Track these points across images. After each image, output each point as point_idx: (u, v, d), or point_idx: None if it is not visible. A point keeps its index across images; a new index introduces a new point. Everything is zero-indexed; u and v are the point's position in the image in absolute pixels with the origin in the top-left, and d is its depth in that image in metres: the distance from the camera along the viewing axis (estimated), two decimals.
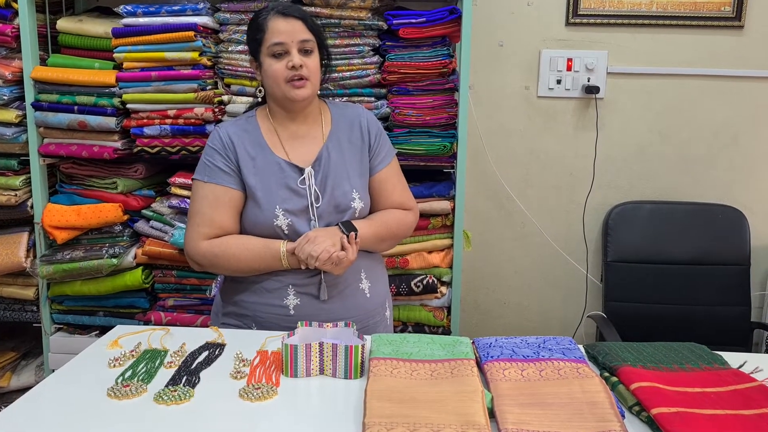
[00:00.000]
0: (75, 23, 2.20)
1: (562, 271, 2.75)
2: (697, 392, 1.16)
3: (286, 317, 1.61)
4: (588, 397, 1.14)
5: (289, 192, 1.61)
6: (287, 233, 1.60)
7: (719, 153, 2.65)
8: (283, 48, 1.59)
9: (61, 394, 1.22)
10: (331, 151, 1.67)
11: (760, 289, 2.70)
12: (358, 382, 1.27)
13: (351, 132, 1.71)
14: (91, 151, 2.18)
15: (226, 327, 1.68)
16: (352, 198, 1.64)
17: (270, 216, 1.59)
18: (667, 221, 2.57)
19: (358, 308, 1.65)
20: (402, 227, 1.75)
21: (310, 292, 1.61)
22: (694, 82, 2.59)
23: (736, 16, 2.51)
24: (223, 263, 1.61)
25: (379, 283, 1.74)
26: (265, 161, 1.64)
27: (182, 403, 1.18)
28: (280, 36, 1.58)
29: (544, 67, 2.60)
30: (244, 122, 1.70)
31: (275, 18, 1.59)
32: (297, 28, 1.59)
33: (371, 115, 1.76)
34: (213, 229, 1.62)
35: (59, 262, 2.18)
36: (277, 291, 1.62)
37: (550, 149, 2.67)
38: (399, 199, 1.74)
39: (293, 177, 1.63)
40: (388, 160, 1.74)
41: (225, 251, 1.60)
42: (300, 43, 1.59)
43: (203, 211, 1.62)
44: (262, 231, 1.61)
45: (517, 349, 1.34)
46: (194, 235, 1.63)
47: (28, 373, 2.42)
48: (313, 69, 1.62)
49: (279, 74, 1.59)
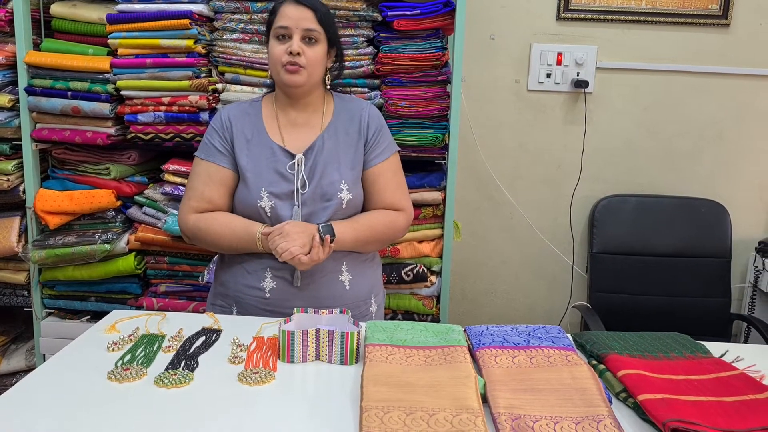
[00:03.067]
0: (69, 8, 2.19)
1: (548, 262, 2.80)
2: (681, 380, 1.21)
3: (262, 300, 1.66)
4: (577, 383, 1.18)
5: (277, 176, 1.65)
6: (270, 215, 1.64)
7: (704, 149, 2.70)
8: (286, 32, 1.62)
9: (62, 377, 1.24)
10: (326, 141, 1.69)
11: (740, 282, 2.77)
12: (353, 368, 1.30)
13: (350, 124, 1.72)
14: (85, 136, 2.18)
15: (215, 309, 1.72)
16: (340, 188, 1.66)
17: (255, 197, 1.64)
18: (652, 214, 2.62)
19: (335, 299, 1.67)
20: (391, 230, 1.74)
21: (286, 276, 1.65)
22: (681, 79, 2.64)
23: (722, 14, 2.56)
24: (206, 237, 1.67)
25: (364, 277, 1.75)
26: (260, 144, 1.68)
27: (182, 386, 1.21)
28: (287, 20, 1.61)
29: (535, 61, 2.63)
30: (248, 106, 1.75)
31: (288, 3, 1.63)
32: (305, 15, 1.62)
33: (375, 111, 1.77)
34: (202, 203, 1.68)
35: (51, 247, 2.18)
36: (256, 273, 1.66)
37: (539, 142, 2.71)
38: (391, 197, 1.74)
39: (284, 162, 1.66)
40: (385, 156, 1.74)
41: (208, 227, 1.66)
42: (304, 31, 1.61)
43: (196, 186, 1.69)
44: (247, 211, 1.66)
45: (508, 336, 1.38)
46: (185, 208, 1.70)
47: (18, 357, 2.42)
48: (313, 59, 1.63)
49: (277, 57, 1.63)
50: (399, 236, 1.79)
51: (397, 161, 1.79)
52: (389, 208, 1.73)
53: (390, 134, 1.79)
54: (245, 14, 2.16)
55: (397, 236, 1.78)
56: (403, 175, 1.80)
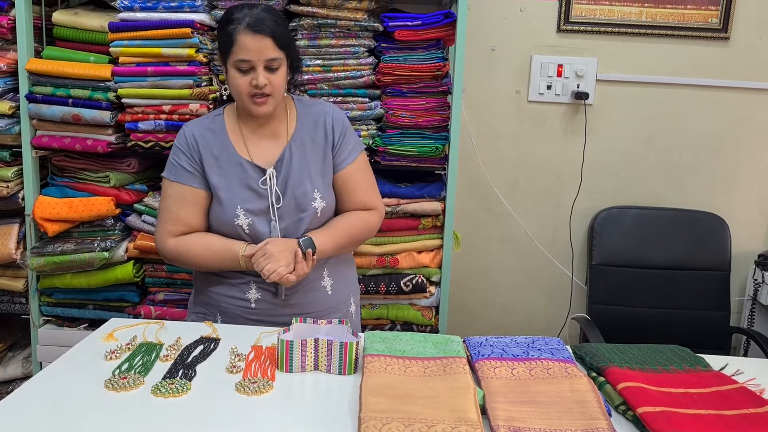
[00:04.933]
0: (70, 16, 2.20)
1: (547, 274, 2.80)
2: (681, 393, 1.20)
3: (248, 310, 1.66)
4: (577, 396, 1.17)
5: (250, 192, 1.64)
6: (248, 233, 1.63)
7: (703, 161, 2.71)
8: (248, 65, 1.57)
9: (59, 385, 1.23)
10: (293, 152, 1.68)
11: (740, 295, 2.77)
12: (352, 378, 1.29)
13: (315, 131, 1.71)
14: (85, 144, 2.18)
15: (197, 317, 1.71)
16: (313, 198, 1.65)
17: (231, 215, 1.63)
18: (652, 226, 2.62)
19: (319, 304, 1.69)
20: (365, 230, 1.76)
21: (270, 287, 1.65)
22: (681, 91, 2.65)
23: (722, 28, 2.57)
24: (187, 261, 1.68)
25: (344, 280, 1.77)
26: (229, 161, 1.66)
27: (180, 395, 1.20)
28: (248, 53, 1.56)
29: (535, 73, 2.64)
30: (211, 121, 1.72)
31: (245, 33, 1.55)
32: (265, 45, 1.56)
33: (337, 113, 1.76)
34: (179, 226, 1.66)
35: (50, 255, 2.17)
36: (240, 285, 1.66)
37: (539, 153, 2.72)
38: (363, 197, 1.74)
39: (255, 177, 1.65)
40: (352, 157, 1.73)
41: (188, 250, 1.66)
42: (267, 61, 1.57)
43: (170, 209, 1.67)
44: (224, 230, 1.66)
45: (507, 348, 1.38)
46: (162, 233, 1.68)
47: (15, 364, 2.41)
48: (278, 85, 1.61)
49: (242, 89, 1.60)
50: (373, 235, 1.81)
51: (365, 160, 1.79)
52: (361, 208, 1.75)
53: (355, 134, 1.78)
54: None
55: (371, 235, 1.81)
56: (371, 173, 1.80)
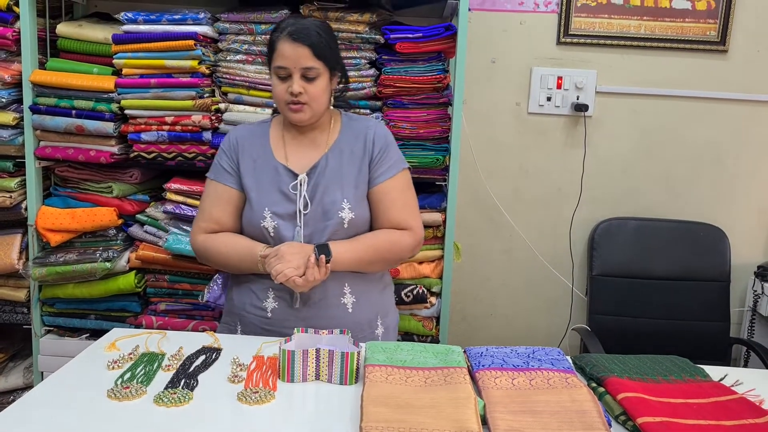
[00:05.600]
0: (75, 28, 2.22)
1: (548, 284, 2.80)
2: (681, 403, 1.21)
3: (264, 319, 1.66)
4: (577, 406, 1.18)
5: (280, 195, 1.66)
6: (273, 236, 1.65)
7: (702, 173, 2.72)
8: (285, 72, 1.62)
9: (62, 394, 1.24)
10: (330, 160, 1.69)
11: (739, 306, 2.77)
12: (353, 388, 1.30)
13: (355, 143, 1.72)
14: (88, 155, 2.20)
15: (224, 328, 1.73)
16: (341, 207, 1.65)
17: (258, 216, 1.65)
18: (651, 238, 2.63)
19: (336, 321, 1.63)
20: (395, 250, 1.70)
21: (287, 298, 1.65)
22: (680, 104, 2.67)
23: (720, 40, 2.60)
24: (213, 258, 1.71)
25: (368, 299, 1.71)
26: (265, 164, 1.69)
27: (182, 405, 1.21)
28: (284, 60, 1.61)
29: (535, 85, 2.66)
30: (257, 126, 1.78)
31: (284, 41, 1.61)
32: (302, 54, 1.60)
33: (381, 128, 1.77)
34: (210, 223, 1.71)
35: (52, 265, 2.18)
36: (260, 292, 1.67)
37: (539, 164, 2.73)
38: (397, 216, 1.70)
39: (287, 181, 1.67)
40: (391, 173, 1.71)
41: (213, 247, 1.69)
42: (303, 69, 1.61)
43: (204, 207, 1.73)
44: (252, 231, 1.68)
45: (508, 358, 1.38)
46: (195, 228, 1.74)
47: (16, 374, 2.41)
48: (315, 94, 1.63)
49: (280, 96, 1.64)
50: (406, 256, 1.75)
51: (406, 179, 1.75)
52: (395, 227, 1.70)
53: (398, 152, 1.76)
54: (249, 36, 2.18)
55: (404, 256, 1.74)
56: (412, 194, 1.77)
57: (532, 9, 2.62)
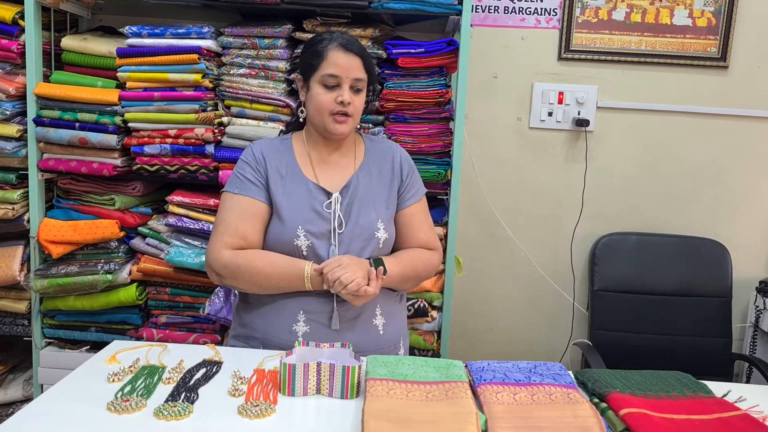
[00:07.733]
0: (79, 41, 2.24)
1: (549, 299, 2.80)
2: (683, 419, 1.20)
3: None
4: (579, 421, 1.17)
5: (314, 214, 1.62)
6: (306, 254, 1.60)
7: (703, 188, 2.72)
8: (336, 81, 1.60)
9: (62, 407, 1.23)
10: (360, 180, 1.68)
11: (741, 321, 2.76)
12: (354, 402, 1.29)
13: (383, 164, 1.72)
14: (91, 167, 2.20)
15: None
16: (377, 228, 1.64)
17: (292, 234, 1.59)
18: (653, 253, 2.63)
19: (369, 343, 1.61)
20: (427, 268, 1.73)
21: (320, 320, 1.59)
22: (680, 119, 2.68)
23: (721, 57, 2.61)
24: (245, 275, 1.58)
25: (395, 320, 1.70)
26: (295, 181, 1.65)
27: (182, 418, 1.20)
28: (338, 69, 1.59)
29: (536, 100, 2.67)
30: (279, 143, 1.72)
31: (337, 49, 1.60)
32: (354, 64, 1.60)
33: (404, 152, 1.79)
34: (237, 239, 1.60)
35: (54, 277, 2.18)
36: (288, 315, 1.60)
37: (540, 179, 2.74)
38: (425, 237, 1.73)
39: (320, 200, 1.63)
40: (418, 196, 1.74)
41: (248, 263, 1.57)
42: (353, 80, 1.60)
43: (229, 221, 1.61)
44: (282, 248, 1.60)
45: (509, 373, 1.38)
46: (217, 244, 1.60)
47: (16, 387, 2.40)
48: (358, 107, 1.64)
49: (325, 105, 1.60)
50: (432, 275, 1.78)
51: (426, 202, 1.79)
52: (423, 247, 1.73)
53: (419, 176, 1.79)
54: (252, 50, 2.20)
55: (431, 275, 1.77)
56: (430, 216, 1.80)
57: (533, 25, 2.64)
